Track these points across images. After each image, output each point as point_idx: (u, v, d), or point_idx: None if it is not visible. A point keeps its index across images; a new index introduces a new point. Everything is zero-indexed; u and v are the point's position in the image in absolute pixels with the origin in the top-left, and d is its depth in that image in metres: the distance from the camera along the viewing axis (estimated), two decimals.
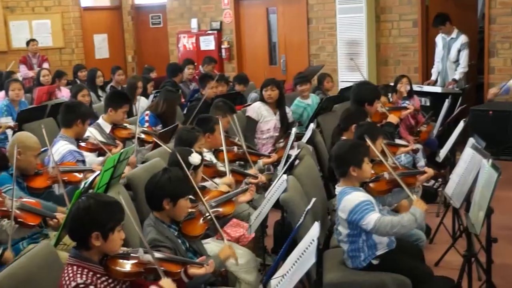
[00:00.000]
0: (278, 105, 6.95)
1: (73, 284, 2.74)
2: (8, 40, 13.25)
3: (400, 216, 3.84)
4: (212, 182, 4.53)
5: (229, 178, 4.67)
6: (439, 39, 8.88)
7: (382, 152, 4.67)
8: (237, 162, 5.55)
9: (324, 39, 11.00)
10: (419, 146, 6.77)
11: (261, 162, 5.60)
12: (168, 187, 3.41)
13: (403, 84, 7.31)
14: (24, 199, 3.94)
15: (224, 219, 4.10)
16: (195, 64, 10.29)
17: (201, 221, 3.73)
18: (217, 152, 5.23)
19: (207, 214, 3.73)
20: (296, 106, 7.65)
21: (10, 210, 3.66)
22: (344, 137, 5.27)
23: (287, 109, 7.16)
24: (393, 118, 6.29)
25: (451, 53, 8.70)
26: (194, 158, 4.08)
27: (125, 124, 5.90)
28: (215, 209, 3.92)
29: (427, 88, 8.69)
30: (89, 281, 2.77)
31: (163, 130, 6.09)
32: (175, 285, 2.90)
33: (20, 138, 4.46)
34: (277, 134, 6.84)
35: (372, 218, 3.76)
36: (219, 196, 4.13)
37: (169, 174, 3.48)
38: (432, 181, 6.75)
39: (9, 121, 6.55)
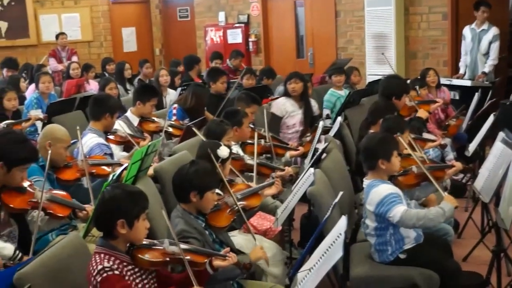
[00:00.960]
0: (303, 98, 6.93)
1: (100, 267, 2.79)
2: (38, 33, 13.41)
3: (427, 209, 3.82)
4: (241, 177, 4.54)
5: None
6: (467, 31, 8.75)
7: (410, 146, 4.64)
8: (263, 155, 5.55)
9: (352, 32, 10.93)
10: (447, 141, 6.69)
11: (288, 154, 5.60)
12: (196, 179, 3.43)
13: (431, 77, 7.25)
14: (54, 191, 3.99)
15: (250, 212, 4.10)
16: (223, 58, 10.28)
17: (227, 212, 3.74)
18: (244, 145, 5.24)
19: (234, 206, 3.74)
20: (329, 96, 7.66)
21: (40, 201, 3.70)
22: (371, 131, 5.24)
23: (312, 102, 7.14)
24: (422, 113, 6.23)
25: (481, 45, 8.57)
26: (223, 151, 4.09)
27: (153, 118, 5.94)
28: (241, 202, 3.92)
29: (456, 82, 8.58)
30: (115, 266, 2.82)
31: (190, 123, 6.11)
32: (197, 278, 2.92)
33: (50, 130, 4.51)
34: (302, 128, 6.82)
35: (398, 210, 3.74)
36: (246, 189, 4.14)
37: (196, 167, 3.49)
38: (461, 175, 6.68)
39: (38, 113, 6.63)
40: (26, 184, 3.78)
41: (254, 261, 3.44)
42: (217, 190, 3.90)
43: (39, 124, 6.58)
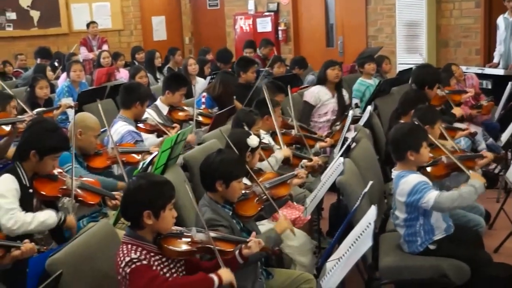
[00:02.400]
0: (337, 87, 6.89)
1: (127, 259, 2.79)
2: (69, 22, 13.53)
3: (459, 189, 3.78)
4: (268, 161, 4.53)
5: (286, 149, 4.67)
6: (501, 21, 8.60)
7: (441, 136, 4.59)
8: (294, 145, 5.55)
9: (383, 20, 10.83)
10: (478, 130, 6.61)
11: (318, 145, 5.59)
12: (221, 169, 3.42)
13: (457, 72, 7.14)
14: (84, 178, 4.03)
15: (279, 201, 4.10)
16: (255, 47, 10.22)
17: (255, 201, 3.74)
18: (274, 135, 5.23)
19: (262, 195, 3.74)
20: (359, 85, 7.60)
21: (71, 188, 3.75)
22: (402, 121, 5.19)
23: (343, 91, 7.10)
24: (457, 111, 6.13)
25: None
26: (252, 141, 4.09)
27: (182, 106, 5.96)
28: (269, 191, 3.91)
29: (488, 71, 8.46)
30: (142, 257, 2.82)
31: (219, 111, 6.12)
32: (232, 275, 2.92)
33: (81, 118, 4.55)
34: (334, 117, 6.79)
35: (431, 196, 3.70)
36: (274, 178, 4.13)
37: (222, 156, 3.49)
38: (493, 166, 6.60)
39: (69, 101, 6.69)
40: (57, 171, 3.84)
41: (280, 232, 3.43)
42: (246, 180, 3.90)
43: (70, 112, 6.65)
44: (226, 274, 2.89)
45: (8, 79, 10.15)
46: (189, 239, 3.00)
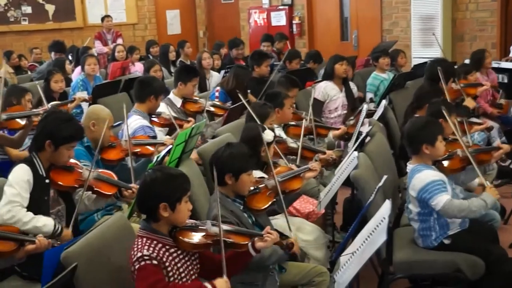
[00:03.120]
0: (343, 81, 6.87)
1: (139, 254, 2.80)
2: (84, 16, 13.57)
3: (470, 201, 3.75)
4: (285, 160, 4.53)
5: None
6: None
7: (456, 130, 4.55)
8: (306, 136, 5.53)
9: (398, 14, 10.77)
10: (494, 124, 6.56)
11: (331, 134, 5.56)
12: (230, 162, 3.43)
13: (488, 59, 7.09)
14: (100, 170, 4.05)
15: (291, 195, 4.09)
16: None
17: (267, 194, 3.73)
18: (286, 127, 5.23)
19: (275, 188, 3.72)
20: (373, 79, 7.59)
21: (87, 179, 3.76)
22: (417, 115, 5.17)
23: (351, 85, 7.08)
24: (469, 102, 6.10)
25: None
26: (268, 135, 4.08)
27: (195, 98, 5.97)
28: (282, 184, 3.90)
29: (505, 65, 8.39)
30: (154, 254, 2.82)
31: (233, 105, 6.12)
32: (239, 259, 2.92)
33: (94, 111, 4.57)
34: (345, 112, 6.77)
35: (441, 200, 3.69)
36: (286, 172, 4.13)
37: (231, 150, 3.49)
38: (509, 161, 6.55)
39: (84, 95, 6.72)
40: (73, 162, 3.85)
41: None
42: (261, 173, 3.90)
43: (84, 105, 6.68)
44: (221, 284, 2.84)
45: (24, 73, 10.21)
46: (204, 232, 3.01)
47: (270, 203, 3.71)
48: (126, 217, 3.57)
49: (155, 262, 2.81)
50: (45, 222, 3.56)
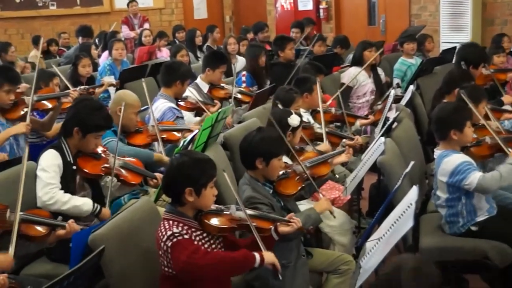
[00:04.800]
0: (372, 67, 6.82)
1: (169, 233, 2.82)
2: (111, 1, 13.62)
3: (498, 169, 3.74)
4: (311, 146, 4.52)
5: (325, 145, 4.66)
6: None
7: (486, 116, 4.50)
8: (334, 123, 5.51)
9: None
10: None
11: (358, 123, 5.54)
12: (261, 146, 3.43)
13: (505, 43, 6.98)
14: (127, 158, 4.07)
15: (319, 180, 4.09)
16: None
17: (295, 180, 3.73)
18: (314, 113, 5.21)
19: (303, 174, 3.72)
20: (400, 64, 7.53)
21: (113, 168, 3.79)
22: (445, 100, 5.11)
23: (379, 70, 7.02)
24: (507, 99, 5.98)
25: None
26: (293, 120, 4.07)
27: (222, 84, 5.97)
28: (310, 170, 3.90)
29: None
30: (184, 231, 2.85)
31: (260, 90, 6.11)
32: (275, 257, 2.93)
33: (121, 96, 4.60)
34: (372, 97, 6.73)
35: (475, 177, 3.66)
36: (314, 157, 4.12)
37: (262, 134, 3.49)
38: None
39: (111, 79, 6.75)
40: (100, 150, 3.88)
41: (319, 211, 3.44)
42: (286, 159, 3.90)
43: (112, 90, 6.72)
44: (269, 256, 2.90)
45: (53, 57, 10.30)
46: (229, 216, 3.04)
47: (298, 189, 3.71)
48: (152, 201, 3.60)
49: (186, 236, 2.84)
50: (84, 201, 3.63)
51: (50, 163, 3.59)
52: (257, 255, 2.87)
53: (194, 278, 2.84)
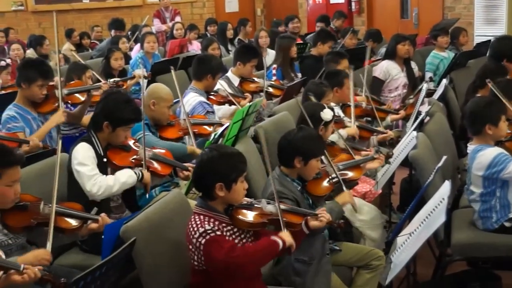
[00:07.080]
0: (405, 60, 6.75)
1: (201, 230, 2.83)
2: None
3: None
4: (338, 133, 4.48)
5: (354, 128, 4.63)
6: None
7: None
8: (364, 118, 5.47)
9: None
10: None
11: (389, 118, 5.50)
12: (302, 146, 3.41)
13: None
14: (157, 150, 4.09)
15: (350, 183, 4.05)
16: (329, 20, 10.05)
17: (326, 182, 3.68)
18: (345, 107, 5.18)
19: (334, 177, 3.68)
20: (432, 58, 7.47)
21: (143, 159, 3.82)
22: (479, 95, 5.04)
23: (412, 64, 6.95)
24: None
25: None
26: (326, 114, 4.05)
27: (253, 78, 5.97)
28: (342, 172, 3.86)
29: None
30: (216, 228, 2.85)
31: (291, 84, 6.10)
32: (292, 238, 2.93)
33: (154, 89, 4.62)
34: (405, 91, 6.68)
35: None
36: (348, 160, 4.07)
37: (304, 133, 3.48)
38: None
39: (143, 72, 6.79)
40: (130, 142, 3.91)
41: (341, 204, 3.43)
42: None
43: (143, 83, 6.75)
44: (287, 237, 2.90)
45: (85, 50, 10.40)
46: (259, 211, 3.03)
47: (328, 192, 3.69)
48: (183, 194, 3.62)
49: (219, 233, 2.85)
50: (127, 174, 3.68)
51: (86, 155, 3.63)
52: (277, 238, 2.88)
53: (230, 274, 2.84)
